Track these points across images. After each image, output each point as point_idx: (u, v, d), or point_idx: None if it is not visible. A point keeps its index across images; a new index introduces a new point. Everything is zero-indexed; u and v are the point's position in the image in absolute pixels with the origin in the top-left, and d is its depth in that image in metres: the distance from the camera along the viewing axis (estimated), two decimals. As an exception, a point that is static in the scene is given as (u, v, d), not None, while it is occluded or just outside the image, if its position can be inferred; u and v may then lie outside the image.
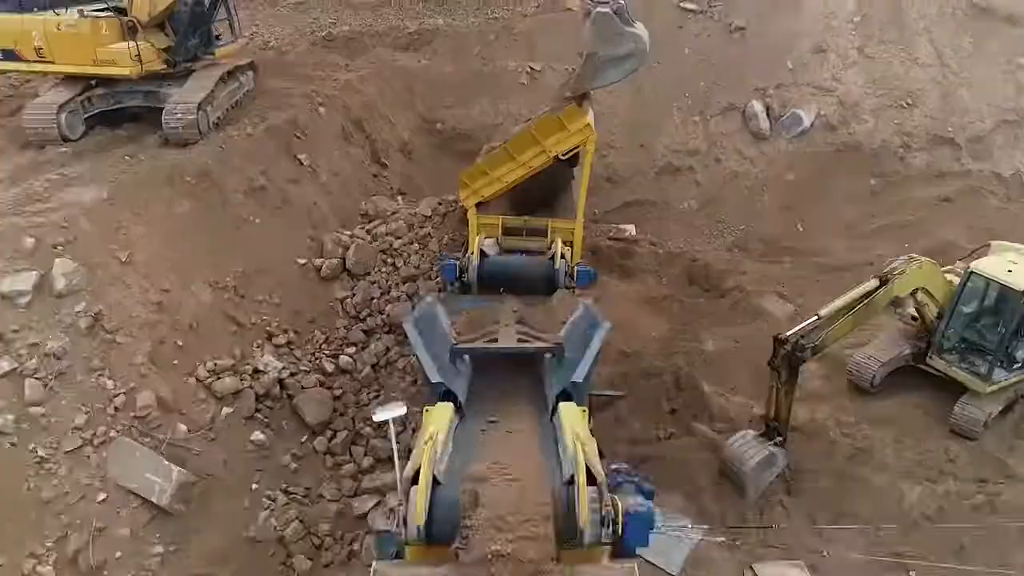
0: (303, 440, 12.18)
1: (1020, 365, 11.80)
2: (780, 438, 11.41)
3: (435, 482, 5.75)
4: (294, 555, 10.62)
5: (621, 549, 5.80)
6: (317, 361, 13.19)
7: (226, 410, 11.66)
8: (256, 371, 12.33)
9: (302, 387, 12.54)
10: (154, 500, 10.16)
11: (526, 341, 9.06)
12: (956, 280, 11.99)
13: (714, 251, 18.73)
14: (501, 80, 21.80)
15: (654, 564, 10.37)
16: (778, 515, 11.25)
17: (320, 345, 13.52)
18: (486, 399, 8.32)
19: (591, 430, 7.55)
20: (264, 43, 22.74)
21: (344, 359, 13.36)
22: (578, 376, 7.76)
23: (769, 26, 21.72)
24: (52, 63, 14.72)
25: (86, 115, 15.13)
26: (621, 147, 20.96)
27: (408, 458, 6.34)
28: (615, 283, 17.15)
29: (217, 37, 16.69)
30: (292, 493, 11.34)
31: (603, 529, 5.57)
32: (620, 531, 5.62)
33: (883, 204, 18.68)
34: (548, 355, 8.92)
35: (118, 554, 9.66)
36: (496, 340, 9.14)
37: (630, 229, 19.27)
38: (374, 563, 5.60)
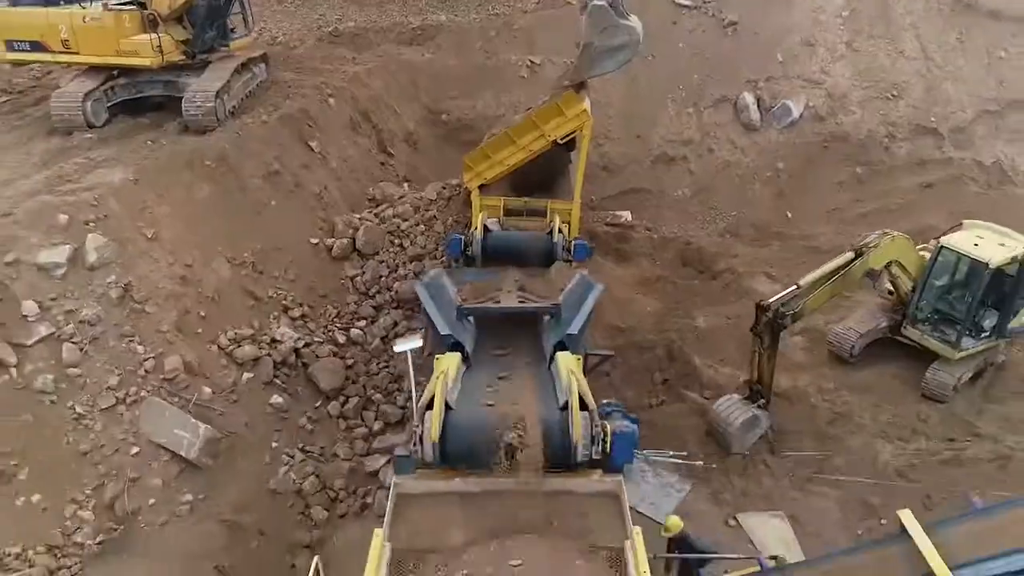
0: (318, 405, 13.01)
1: (987, 334, 12.62)
2: (763, 401, 12.24)
3: (447, 408, 6.57)
4: (311, 506, 11.44)
5: (609, 466, 6.62)
6: (330, 333, 14.02)
7: (247, 375, 12.49)
8: (273, 341, 13.16)
9: (316, 356, 13.36)
10: (183, 454, 10.98)
11: (526, 303, 9.88)
12: (929, 256, 12.80)
13: (707, 236, 19.52)
14: (503, 73, 22.60)
15: (646, 515, 11.18)
16: (761, 471, 12.06)
17: (332, 319, 14.34)
18: (489, 354, 9.14)
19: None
20: (272, 38, 23.57)
21: (355, 332, 14.18)
22: (573, 328, 8.58)
23: (761, 21, 22.51)
24: (77, 54, 15.53)
25: (109, 103, 15.95)
26: (618, 137, 21.77)
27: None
28: (611, 266, 17.95)
29: (232, 30, 17.52)
30: (308, 451, 12.17)
31: (593, 447, 6.39)
32: (608, 449, 6.43)
33: (868, 191, 19.48)
34: (546, 316, 9.74)
35: (151, 501, 10.48)
36: (499, 303, 9.96)
37: (626, 215, 20.09)
38: (394, 477, 6.41)
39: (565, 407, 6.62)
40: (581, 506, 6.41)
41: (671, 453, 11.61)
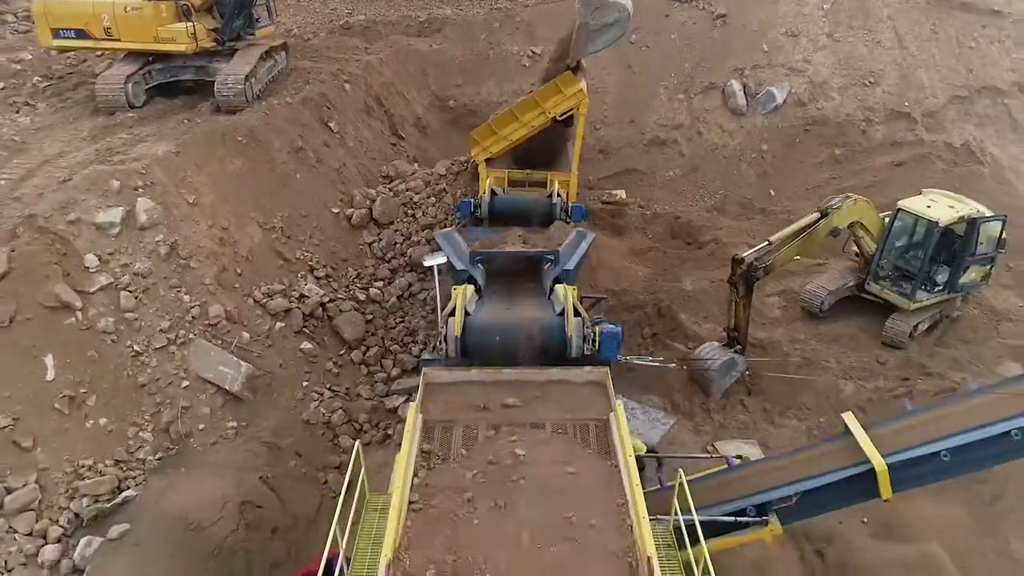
0: (342, 352, 14.51)
1: (940, 288, 14.11)
2: (739, 346, 13.73)
3: (466, 313, 8.08)
4: (339, 435, 12.94)
5: (598, 360, 8.13)
6: (351, 292, 15.51)
7: (279, 324, 14.00)
8: (302, 296, 14.66)
9: (340, 310, 14.86)
10: (227, 388, 12.49)
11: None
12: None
13: (695, 212, 21.01)
14: (505, 63, 24.10)
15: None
16: (738, 409, 13.56)
17: (353, 279, 15.84)
18: (497, 292, 10.63)
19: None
20: (287, 31, 25.01)
21: (373, 291, 15.68)
22: (569, 264, 10.09)
23: (748, 14, 24.00)
24: (119, 40, 17.00)
25: (147, 86, 17.45)
26: (613, 122, 23.25)
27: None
28: (607, 239, 19.44)
29: (257, 20, 19.02)
30: (335, 390, 13.67)
31: (585, 344, 7.90)
32: (597, 346, 7.94)
33: (846, 170, 20.94)
34: (546, 263, 11.23)
35: (201, 426, 11.99)
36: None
37: (621, 193, 21.57)
38: (424, 368, 7.92)
39: (562, 314, 8.11)
40: (575, 391, 7.93)
41: (650, 358, 13.10)
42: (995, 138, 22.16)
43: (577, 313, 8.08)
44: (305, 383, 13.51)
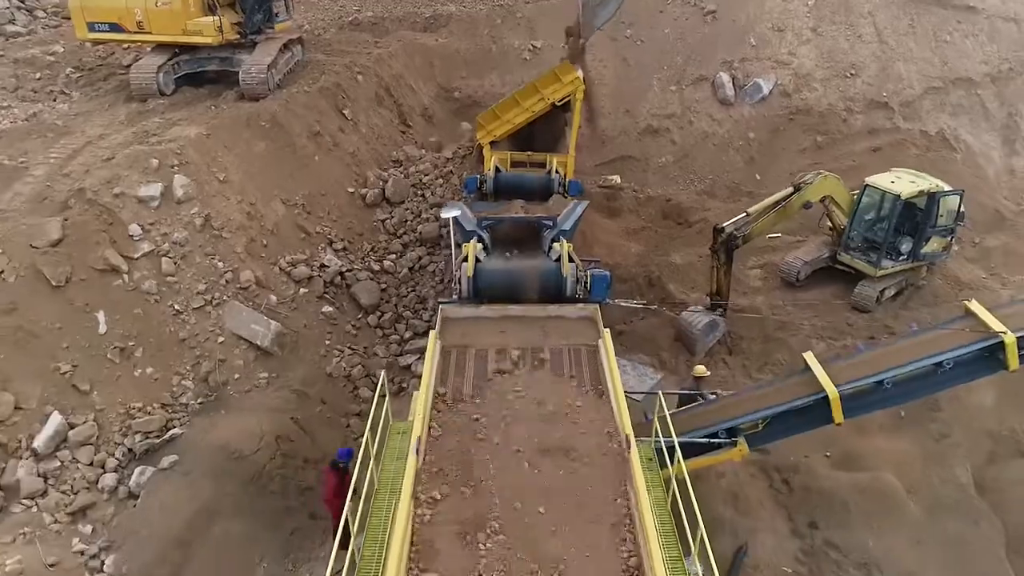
0: (359, 316, 15.89)
1: (904, 256, 15.48)
2: (721, 309, 15.10)
3: (476, 260, 9.47)
4: (359, 387, 14.33)
5: (589, 300, 9.52)
6: (367, 263, 16.88)
7: (303, 290, 15.38)
8: (322, 265, 16.05)
9: (357, 279, 16.25)
10: (258, 343, 13.87)
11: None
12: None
13: (686, 195, 22.36)
14: (507, 56, 25.45)
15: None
16: (720, 366, 14.93)
17: (368, 252, 17.20)
18: (502, 253, 12.00)
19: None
20: (299, 26, 26.39)
21: (387, 263, 17.05)
22: (566, 226, 11.47)
23: (736, 9, 25.35)
24: (150, 33, 18.35)
25: (176, 76, 18.82)
26: (609, 112, 24.58)
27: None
28: (603, 219, 20.84)
29: (276, 15, 20.38)
30: (354, 349, 15.06)
31: (579, 285, 9.29)
32: (588, 287, 9.34)
33: (826, 155, 22.27)
34: (545, 228, 12.58)
35: (236, 376, 13.38)
36: (509, 219, 12.85)
37: (616, 178, 22.93)
38: (441, 305, 9.31)
39: (558, 260, 9.49)
40: (570, 323, 9.32)
41: (635, 301, 14.50)
42: (968, 127, 23.51)
43: (571, 260, 9.47)
44: (327, 342, 14.90)
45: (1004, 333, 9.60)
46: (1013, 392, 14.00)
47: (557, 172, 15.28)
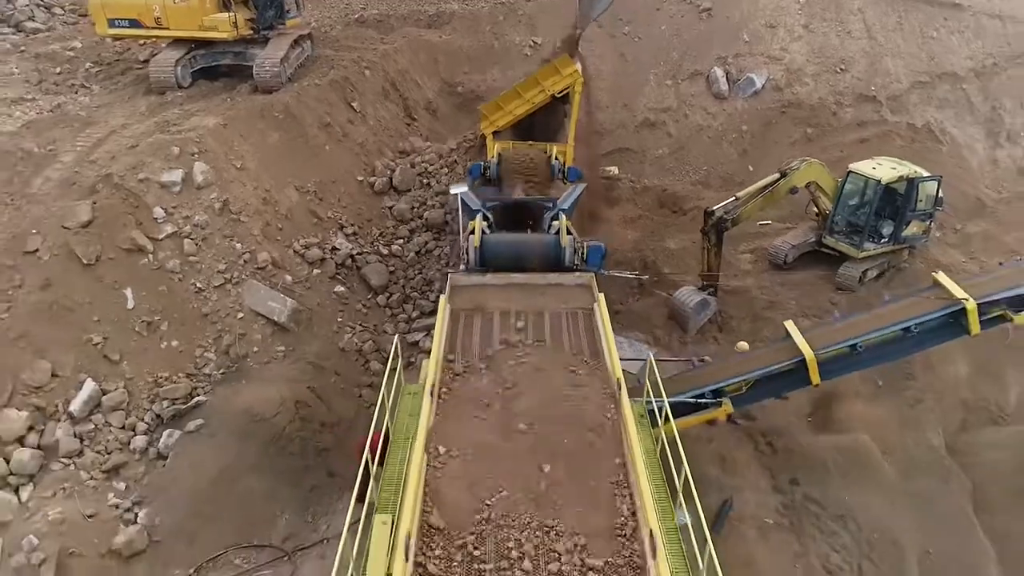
0: (369, 296, 16.75)
1: (886, 239, 16.32)
2: (712, 289, 15.95)
3: (482, 233, 10.33)
4: (370, 361, 15.20)
5: (586, 269, 10.39)
6: (375, 247, 17.74)
7: (316, 271, 16.24)
8: (334, 248, 16.90)
9: (367, 261, 17.10)
10: (275, 319, 14.73)
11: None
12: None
13: (681, 185, 23.21)
14: (509, 52, 26.33)
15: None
16: (710, 342, 15.79)
17: (376, 237, 18.05)
18: (505, 227, 12.86)
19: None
20: (307, 24, 27.25)
21: (395, 247, 17.90)
22: (564, 205, 12.33)
23: (731, 7, 26.22)
24: (168, 29, 19.21)
25: (192, 70, 19.70)
26: (608, 106, 25.46)
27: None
28: (601, 208, 21.68)
29: (287, 11, 21.25)
30: (365, 326, 15.92)
31: (576, 255, 10.15)
32: (585, 257, 10.19)
33: (816, 147, 23.10)
34: (546, 209, 13.43)
35: (255, 349, 14.23)
36: (511, 202, 13.72)
37: (614, 170, 23.78)
38: (450, 273, 10.17)
39: (558, 233, 10.36)
40: (568, 289, 10.21)
41: (628, 272, 15.36)
42: (954, 120, 24.37)
43: (569, 233, 10.33)
44: (339, 319, 15.76)
45: (966, 300, 10.46)
46: (986, 365, 14.89)
47: (557, 159, 16.11)
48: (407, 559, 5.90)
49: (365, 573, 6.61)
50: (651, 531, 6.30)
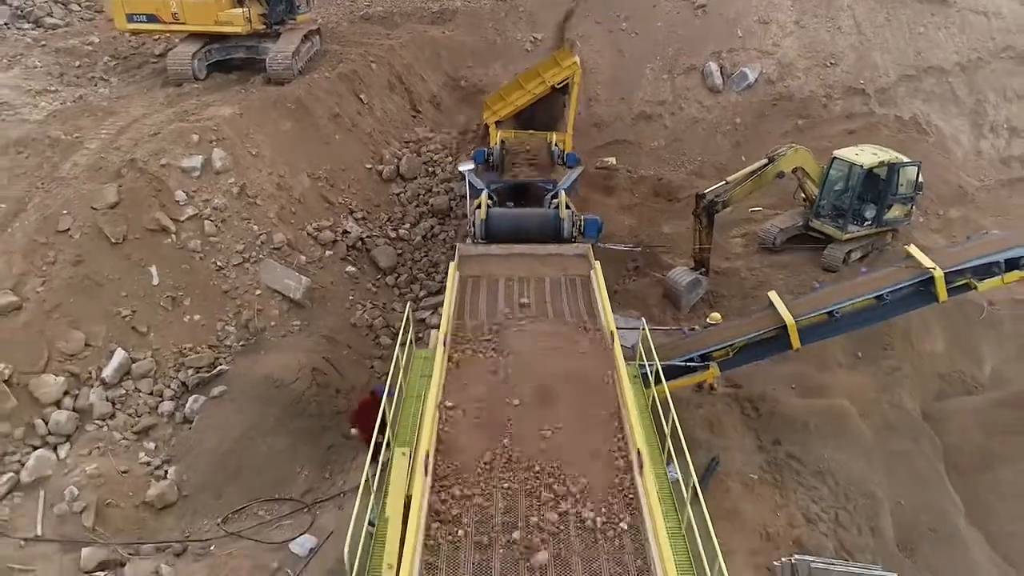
0: (378, 277, 17.63)
1: (869, 222, 17.20)
2: (704, 269, 16.83)
3: (488, 208, 11.22)
4: (380, 336, 16.09)
5: (583, 240, 11.28)
6: (384, 231, 18.63)
7: (328, 252, 17.13)
8: (344, 231, 17.79)
9: (376, 244, 17.99)
10: (291, 296, 15.61)
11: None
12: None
13: (676, 175, 24.06)
14: (510, 47, 27.17)
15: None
16: (702, 320, 16.63)
17: (385, 222, 18.94)
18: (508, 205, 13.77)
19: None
20: (312, 20, 28.14)
21: (402, 231, 18.79)
22: (564, 184, 13.23)
23: (725, 4, 27.03)
24: (184, 24, 20.10)
25: (207, 63, 20.58)
26: (606, 99, 26.30)
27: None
28: (599, 197, 22.54)
29: (297, 6, 22.14)
30: (375, 304, 16.81)
31: (574, 228, 11.04)
32: (582, 230, 11.08)
33: (806, 137, 23.89)
34: (546, 191, 14.34)
35: (272, 323, 15.12)
36: (514, 185, 14.62)
37: (612, 160, 24.63)
38: (458, 245, 11.05)
39: (557, 208, 11.26)
40: (567, 259, 11.10)
41: (622, 245, 16.23)
42: (940, 112, 25.22)
43: (568, 207, 11.21)
44: (351, 297, 16.65)
45: (934, 269, 11.34)
46: (962, 340, 15.79)
47: (556, 145, 17.01)
48: (426, 474, 6.76)
49: (386, 500, 7.47)
50: (638, 451, 7.16)
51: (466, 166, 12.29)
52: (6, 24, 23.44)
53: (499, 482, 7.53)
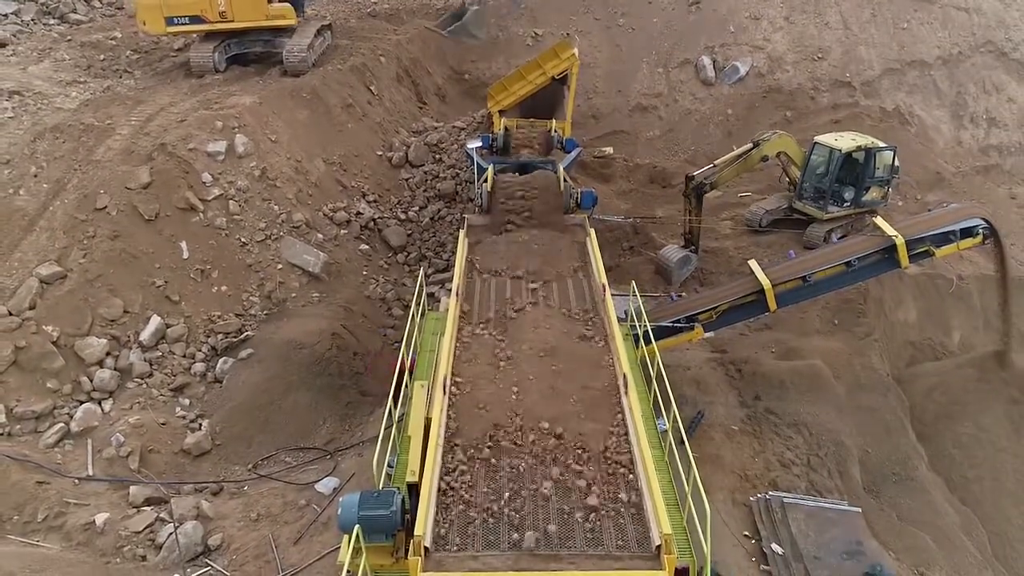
0: (389, 255, 18.87)
1: (848, 203, 18.40)
2: (693, 247, 18.04)
3: (494, 181, 12.45)
4: (392, 307, 17.32)
5: (580, 211, 12.51)
6: (394, 213, 19.85)
7: (342, 231, 18.35)
8: (358, 213, 19.01)
9: (387, 225, 19.22)
10: (310, 270, 16.84)
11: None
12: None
13: (670, 163, 25.27)
14: (513, 43, 28.38)
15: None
16: (692, 295, 17.85)
17: (395, 204, 20.16)
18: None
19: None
20: (322, 17, 29.35)
21: (411, 213, 20.01)
22: (564, 164, 14.41)
23: (718, 1, 28.28)
24: (232, 21, 21.16)
25: (227, 56, 21.80)
26: (603, 92, 27.52)
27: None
28: (597, 184, 23.74)
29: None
30: (387, 279, 18.03)
31: (572, 200, 12.26)
32: (579, 201, 12.31)
33: (794, 127, 25.05)
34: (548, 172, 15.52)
35: (293, 295, 16.35)
36: (516, 165, 15.84)
37: (609, 150, 25.79)
38: (465, 216, 12.28)
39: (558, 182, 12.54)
40: (565, 228, 12.38)
41: (616, 217, 17.44)
42: (922, 104, 26.42)
43: (566, 181, 12.43)
44: (364, 272, 17.89)
45: (896, 237, 12.55)
46: (933, 311, 17.01)
47: (556, 132, 18.20)
48: (444, 393, 7.97)
49: (406, 429, 8.61)
50: (624, 375, 8.36)
51: (474, 143, 13.50)
52: (33, 20, 24.69)
53: (504, 442, 7.89)
